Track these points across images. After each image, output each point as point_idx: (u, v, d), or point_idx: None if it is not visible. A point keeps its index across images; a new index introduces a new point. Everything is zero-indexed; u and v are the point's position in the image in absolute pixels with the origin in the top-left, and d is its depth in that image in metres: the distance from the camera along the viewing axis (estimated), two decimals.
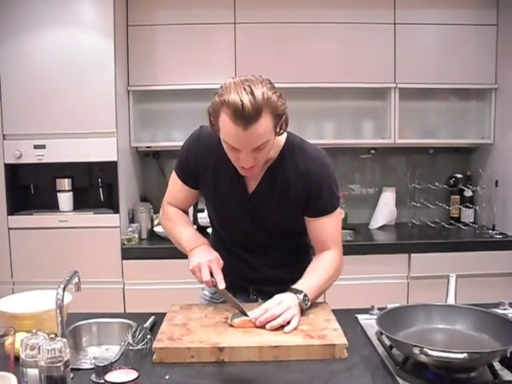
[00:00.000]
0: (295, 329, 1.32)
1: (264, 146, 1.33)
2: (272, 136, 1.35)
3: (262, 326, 1.33)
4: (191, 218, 2.80)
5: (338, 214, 1.56)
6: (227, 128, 1.30)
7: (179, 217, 1.64)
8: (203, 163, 1.52)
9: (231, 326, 1.35)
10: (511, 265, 2.88)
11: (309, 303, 1.43)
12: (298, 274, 1.50)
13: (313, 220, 1.53)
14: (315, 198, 1.49)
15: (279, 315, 1.34)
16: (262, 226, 1.55)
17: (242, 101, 1.24)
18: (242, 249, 1.61)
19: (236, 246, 1.61)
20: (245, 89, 1.26)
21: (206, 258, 1.44)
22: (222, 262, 1.46)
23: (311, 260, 1.59)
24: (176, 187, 1.62)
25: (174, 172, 1.62)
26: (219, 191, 1.54)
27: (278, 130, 1.37)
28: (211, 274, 1.42)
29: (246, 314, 1.36)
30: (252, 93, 1.25)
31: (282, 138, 1.51)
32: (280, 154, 1.50)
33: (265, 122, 1.28)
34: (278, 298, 1.39)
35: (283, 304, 1.36)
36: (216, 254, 1.48)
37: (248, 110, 1.24)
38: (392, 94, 3.07)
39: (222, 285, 1.41)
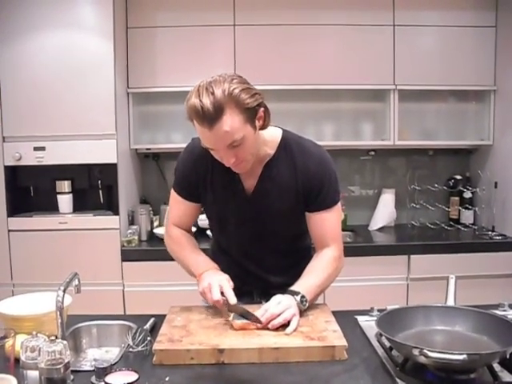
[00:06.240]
0: (295, 330, 1.33)
1: (240, 142, 1.31)
2: (247, 131, 1.32)
3: (263, 328, 1.33)
4: None
5: (339, 210, 1.55)
6: (198, 130, 1.32)
7: (187, 240, 1.62)
8: (202, 174, 1.52)
9: (232, 326, 1.35)
10: (510, 266, 2.88)
11: (307, 304, 1.43)
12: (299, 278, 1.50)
13: (313, 215, 1.52)
14: (316, 193, 1.49)
15: (279, 314, 1.34)
16: (264, 228, 1.54)
17: (201, 102, 1.25)
18: (242, 255, 1.60)
19: (236, 252, 1.61)
20: (207, 89, 1.27)
21: (216, 279, 1.42)
22: (232, 283, 1.43)
23: None
24: (178, 206, 1.60)
25: (172, 191, 1.60)
26: (219, 196, 1.53)
27: (257, 123, 1.36)
28: (221, 294, 1.39)
29: (259, 322, 1.34)
30: (213, 93, 1.26)
31: (278, 135, 1.51)
32: (277, 152, 1.49)
33: (231, 119, 1.27)
34: (276, 298, 1.40)
35: (283, 303, 1.37)
36: (227, 276, 1.45)
37: (208, 111, 1.25)
38: (391, 95, 3.07)
39: (233, 300, 1.38)
